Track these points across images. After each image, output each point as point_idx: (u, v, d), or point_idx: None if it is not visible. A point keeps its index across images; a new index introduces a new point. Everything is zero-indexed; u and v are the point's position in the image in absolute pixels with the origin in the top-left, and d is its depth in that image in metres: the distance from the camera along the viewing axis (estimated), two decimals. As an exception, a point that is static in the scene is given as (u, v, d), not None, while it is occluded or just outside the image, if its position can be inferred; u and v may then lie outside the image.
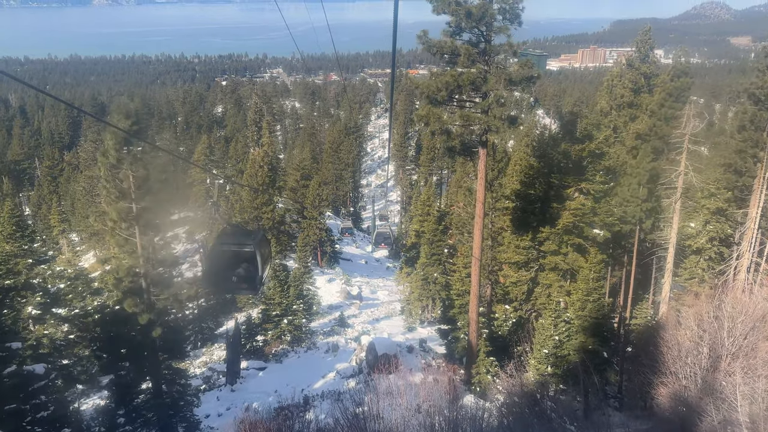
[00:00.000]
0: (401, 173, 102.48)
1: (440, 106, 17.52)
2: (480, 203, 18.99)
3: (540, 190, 24.50)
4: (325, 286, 42.22)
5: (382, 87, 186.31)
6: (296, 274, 29.44)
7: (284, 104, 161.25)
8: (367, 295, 44.37)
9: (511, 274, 25.43)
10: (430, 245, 30.39)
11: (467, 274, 22.53)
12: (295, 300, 28.03)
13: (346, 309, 36.80)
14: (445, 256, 30.86)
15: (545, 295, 24.30)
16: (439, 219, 31.35)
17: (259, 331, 26.16)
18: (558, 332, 21.02)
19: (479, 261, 19.47)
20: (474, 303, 19.67)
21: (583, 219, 22.99)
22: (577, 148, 23.06)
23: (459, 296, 22.60)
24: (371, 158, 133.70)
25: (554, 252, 23.91)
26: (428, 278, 30.69)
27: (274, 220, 45.71)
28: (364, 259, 62.06)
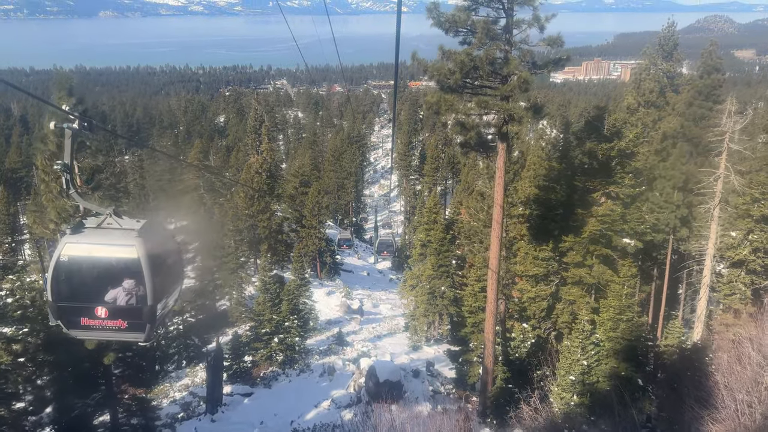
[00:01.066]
0: (405, 183, 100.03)
1: (453, 93, 14.99)
2: (498, 206, 16.38)
3: (562, 195, 21.87)
4: (323, 299, 39.54)
5: (386, 98, 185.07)
6: (290, 287, 26.78)
7: (287, 114, 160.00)
8: (368, 309, 41.64)
9: (529, 288, 22.71)
10: (437, 256, 27.72)
11: (481, 289, 19.85)
12: (288, 316, 25.36)
13: (346, 324, 34.08)
14: (453, 268, 28.17)
15: (568, 313, 21.56)
16: (447, 228, 28.70)
17: (246, 350, 23.45)
18: (586, 356, 18.27)
19: (496, 274, 16.81)
20: (490, 322, 16.99)
21: (612, 227, 20.32)
22: (605, 147, 20.47)
23: (471, 314, 19.89)
24: (374, 168, 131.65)
25: (578, 264, 21.22)
26: (435, 292, 27.98)
27: (271, 228, 43.20)
28: (366, 271, 59.48)
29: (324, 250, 46.38)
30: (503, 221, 16.65)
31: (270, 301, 23.56)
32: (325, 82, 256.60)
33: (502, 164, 15.92)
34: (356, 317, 35.64)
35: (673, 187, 21.68)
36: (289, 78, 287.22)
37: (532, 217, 23.28)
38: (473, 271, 20.06)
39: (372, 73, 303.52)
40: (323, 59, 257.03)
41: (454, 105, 14.66)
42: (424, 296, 28.11)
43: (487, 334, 17.12)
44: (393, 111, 23.25)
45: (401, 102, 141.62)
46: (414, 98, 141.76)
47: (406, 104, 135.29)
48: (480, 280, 19.90)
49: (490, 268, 16.80)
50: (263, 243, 42.89)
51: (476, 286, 19.74)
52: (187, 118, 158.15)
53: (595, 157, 20.95)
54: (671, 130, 23.21)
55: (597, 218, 20.44)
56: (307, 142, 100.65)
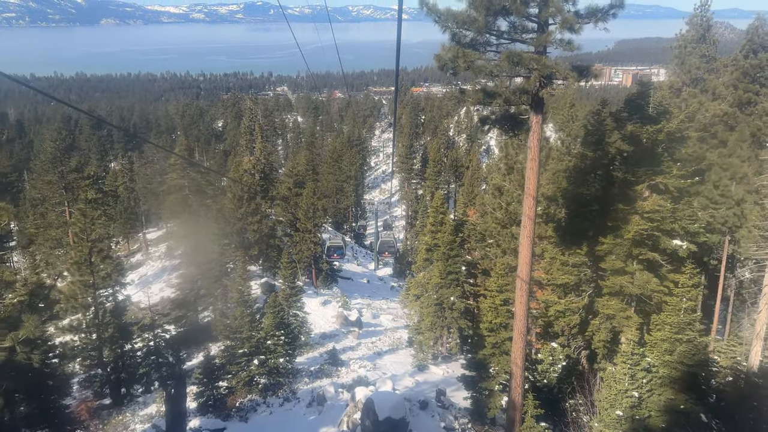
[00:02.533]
0: (406, 187, 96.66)
1: (473, 48, 11.47)
2: (530, 198, 12.80)
3: (597, 188, 18.30)
4: (318, 310, 35.90)
5: (387, 104, 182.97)
6: (277, 297, 23.17)
7: (286, 119, 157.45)
8: (368, 320, 37.97)
9: (555, 299, 19.10)
10: (445, 262, 24.11)
11: (504, 301, 16.22)
12: (273, 332, 21.71)
13: (342, 339, 30.41)
14: (463, 275, 24.54)
15: (606, 330, 17.91)
16: (456, 229, 25.08)
17: (221, 375, 19.77)
18: (636, 386, 14.62)
19: (527, 284, 13.20)
20: (519, 345, 13.36)
21: (660, 226, 16.72)
22: (651, 130, 16.91)
23: (491, 332, 16.25)
24: (375, 172, 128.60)
25: (618, 271, 17.61)
26: (443, 303, 24.35)
27: (262, 232, 39.59)
28: (366, 278, 55.91)
29: (320, 256, 42.75)
30: (535, 218, 13.06)
31: (249, 315, 19.91)
32: (326, 88, 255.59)
33: (536, 142, 12.38)
34: (354, 330, 31.96)
35: (730, 178, 18.11)
36: (290, 84, 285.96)
37: (560, 216, 19.67)
38: (492, 280, 16.49)
39: (372, 79, 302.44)
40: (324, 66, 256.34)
41: (475, 61, 11.16)
42: (430, 307, 24.47)
43: (515, 359, 13.49)
44: (394, 111, 20.86)
45: (402, 106, 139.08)
46: (415, 102, 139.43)
47: (407, 108, 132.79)
48: (502, 291, 16.28)
49: (520, 277, 13.21)
50: (253, 248, 39.34)
51: (497, 298, 16.13)
52: (184, 122, 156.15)
53: (638, 142, 17.39)
54: (722, 111, 19.66)
55: (642, 215, 16.86)
56: (305, 143, 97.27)
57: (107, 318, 21.97)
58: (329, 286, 44.33)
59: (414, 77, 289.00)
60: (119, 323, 22.38)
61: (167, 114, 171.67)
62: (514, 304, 16.98)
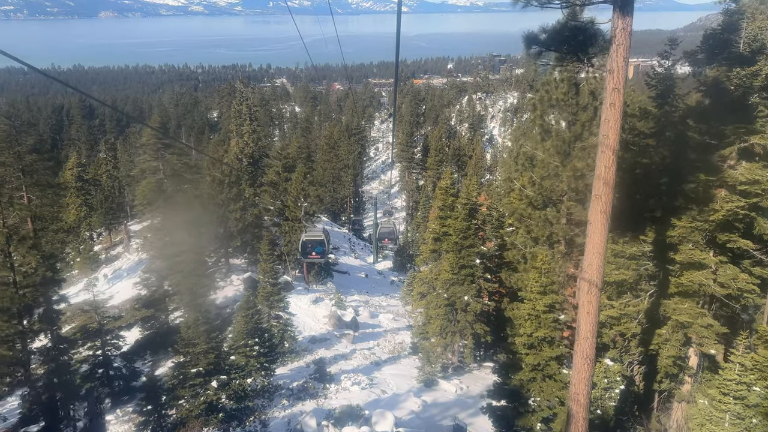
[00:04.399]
0: (407, 177, 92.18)
1: None
2: (609, 152, 8.24)
3: (664, 156, 13.82)
4: (308, 309, 31.51)
5: (386, 96, 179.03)
6: (251, 298, 18.72)
7: (283, 108, 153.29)
8: (365, 319, 33.60)
9: (605, 301, 14.66)
10: (458, 253, 19.70)
11: (548, 307, 11.75)
12: (244, 340, 17.27)
13: (334, 344, 26.02)
14: (479, 270, 20.10)
15: (677, 342, 13.47)
16: (470, 214, 20.60)
17: (169, 401, 15.28)
18: (742, 428, 10.21)
19: (599, 288, 8.67)
20: (583, 376, 8.89)
21: (760, 203, 12.26)
22: (742, 74, 12.43)
23: (531, 348, 11.80)
24: (374, 163, 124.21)
25: (695, 265, 13.16)
26: (455, 303, 19.93)
27: (245, 221, 35.14)
28: (364, 272, 51.68)
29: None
30: (614, 187, 8.53)
31: (205, 323, 15.41)
32: (325, 80, 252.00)
33: (621, 62, 7.85)
34: (348, 333, 27.54)
35: None
36: (289, 76, 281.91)
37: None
38: (533, 277, 12.05)
39: (372, 71, 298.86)
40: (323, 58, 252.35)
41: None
42: (439, 309, 20.05)
43: (575, 394, 9.07)
44: (394, 98, 17.52)
45: (402, 95, 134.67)
46: (416, 91, 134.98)
47: (408, 97, 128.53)
48: (546, 293, 11.80)
49: (584, 278, 8.68)
50: (236, 239, 34.92)
51: (539, 302, 11.68)
52: (178, 111, 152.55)
53: (723, 92, 12.90)
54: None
55: (733, 189, 12.39)
56: (300, 129, 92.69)
57: (36, 325, 17.54)
58: (323, 282, 39.98)
59: (414, 69, 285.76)
60: (53, 330, 18.03)
61: (161, 103, 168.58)
62: (564, 311, 12.53)
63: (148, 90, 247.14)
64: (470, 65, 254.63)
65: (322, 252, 28.18)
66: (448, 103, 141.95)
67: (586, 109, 14.95)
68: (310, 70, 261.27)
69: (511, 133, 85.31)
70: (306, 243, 28.24)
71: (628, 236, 14.46)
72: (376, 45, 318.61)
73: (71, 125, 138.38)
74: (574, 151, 14.84)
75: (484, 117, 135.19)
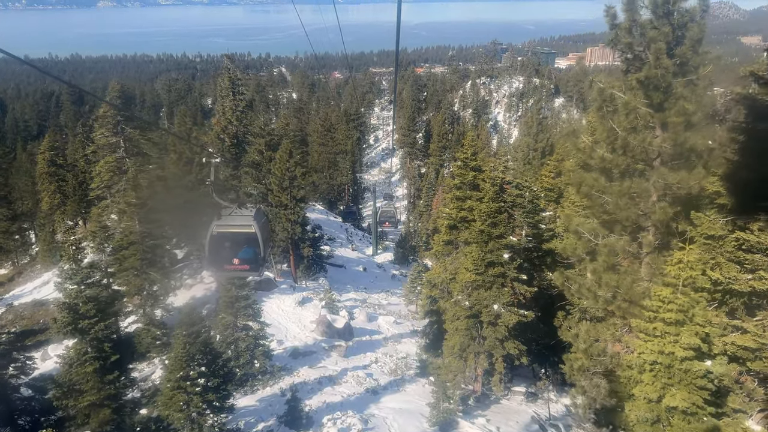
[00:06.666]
0: (408, 163, 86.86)
1: None
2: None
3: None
4: (292, 312, 26.32)
5: (387, 85, 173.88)
6: (194, 312, 13.39)
7: (281, 95, 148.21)
8: (361, 323, 28.45)
9: (723, 320, 9.27)
10: (484, 245, 14.35)
11: (694, 351, 6.29)
12: (183, 370, 11.94)
13: (321, 359, 20.79)
14: (512, 270, 14.73)
15: None
16: (498, 194, 15.27)
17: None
18: None
19: None
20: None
21: None
22: None
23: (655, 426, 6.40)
24: (374, 150, 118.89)
25: None
26: (481, 313, 14.63)
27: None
28: (362, 265, 46.69)
29: (301, 239, 32.98)
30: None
31: (97, 356, 9.92)
32: (324, 69, 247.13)
33: None
34: (339, 344, 22.27)
35: None
36: (288, 65, 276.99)
37: (730, 157, 9.77)
38: (661, 295, 6.71)
39: (372, 60, 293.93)
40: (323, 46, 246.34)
41: None
42: (458, 321, 14.74)
43: None
44: (395, 82, 13.65)
45: (403, 81, 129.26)
46: (417, 77, 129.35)
47: (408, 83, 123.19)
48: (685, 322, 6.43)
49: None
50: (208, 228, 29.45)
51: (674, 344, 6.31)
52: (171, 97, 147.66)
53: None
54: None
55: None
56: (293, 110, 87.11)
57: None
58: (314, 277, 34.85)
59: (414, 58, 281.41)
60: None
61: (153, 90, 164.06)
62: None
63: (145, 78, 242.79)
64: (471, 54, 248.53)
65: (254, 259, 12.27)
66: (451, 89, 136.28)
67: (696, 21, 9.49)
68: (310, 59, 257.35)
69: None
70: (218, 239, 12.30)
71: (743, 218, 9.09)
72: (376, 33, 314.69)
73: (61, 112, 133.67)
74: (676, 87, 9.35)
75: (489, 102, 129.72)
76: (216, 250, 11.37)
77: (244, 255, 11.40)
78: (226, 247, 11.64)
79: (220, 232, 11.48)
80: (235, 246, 11.56)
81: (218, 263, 11.53)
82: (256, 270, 11.51)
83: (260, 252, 11.02)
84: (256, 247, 11.17)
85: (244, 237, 11.60)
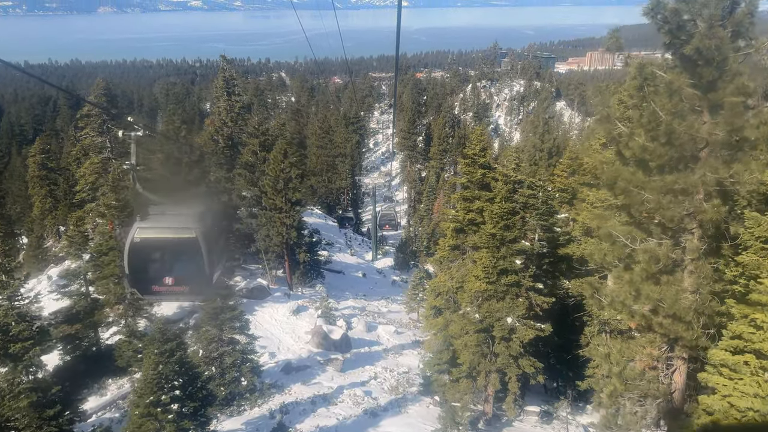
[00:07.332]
0: (408, 166, 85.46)
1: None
2: None
3: None
4: (286, 322, 24.71)
5: (387, 89, 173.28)
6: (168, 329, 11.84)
7: (279, 99, 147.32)
8: (360, 334, 26.84)
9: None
10: (496, 251, 12.77)
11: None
12: (154, 395, 10.35)
13: (316, 374, 19.19)
14: (528, 279, 13.17)
15: None
16: (510, 194, 13.71)
17: None
18: None
19: None
20: None
21: None
22: None
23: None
24: (373, 154, 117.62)
25: None
26: (493, 327, 13.06)
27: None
28: (362, 271, 45.19)
29: (296, 244, 31.43)
30: None
31: (34, 386, 8.30)
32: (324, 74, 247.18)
33: None
34: (336, 358, 20.67)
35: None
36: (288, 70, 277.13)
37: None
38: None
39: (372, 65, 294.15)
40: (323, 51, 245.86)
41: None
42: (468, 336, 13.12)
43: None
44: (395, 80, 12.65)
45: (403, 85, 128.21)
46: (417, 81, 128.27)
47: (408, 86, 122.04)
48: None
49: None
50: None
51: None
52: (169, 101, 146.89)
53: None
54: None
55: None
56: (290, 112, 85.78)
57: None
58: (310, 284, 33.26)
59: (414, 63, 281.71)
60: None
61: (151, 94, 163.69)
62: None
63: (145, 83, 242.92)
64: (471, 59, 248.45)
65: (196, 277, 8.60)
66: (451, 92, 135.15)
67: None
68: (310, 63, 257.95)
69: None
70: (142, 249, 8.63)
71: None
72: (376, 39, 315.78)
73: (57, 116, 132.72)
74: (732, 62, 7.82)
75: (489, 106, 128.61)
76: (139, 265, 8.30)
77: (180, 272, 8.28)
78: (155, 260, 8.44)
79: (146, 239, 8.29)
80: (167, 259, 8.40)
81: (142, 283, 8.38)
82: (200, 293, 8.62)
83: (204, 267, 7.92)
84: (198, 260, 7.99)
85: (180, 246, 8.33)
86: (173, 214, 8.13)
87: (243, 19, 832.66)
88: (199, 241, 7.79)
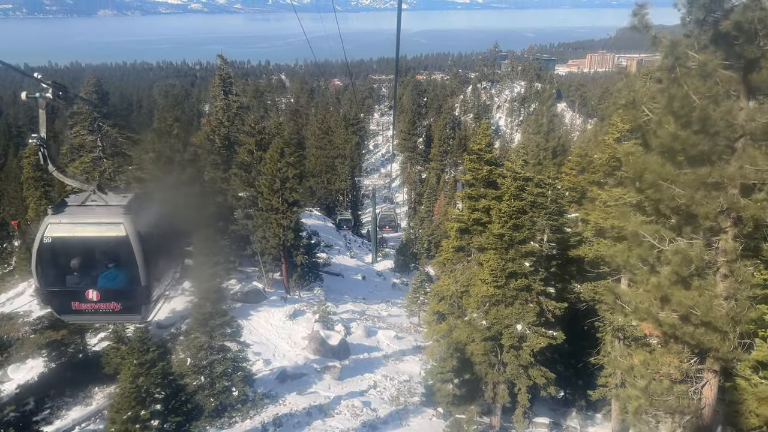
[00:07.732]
0: (409, 168, 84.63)
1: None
2: None
3: None
4: (282, 327, 23.77)
5: (386, 92, 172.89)
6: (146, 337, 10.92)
7: (279, 100, 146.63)
8: (359, 339, 25.89)
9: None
10: (504, 252, 11.77)
11: None
12: (133, 410, 9.41)
13: (312, 382, 18.24)
14: (538, 282, 12.19)
15: None
16: (519, 192, 12.78)
17: None
18: None
19: None
20: None
21: None
22: None
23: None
24: (373, 156, 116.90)
25: None
26: (499, 333, 12.10)
27: (205, 211, 27.26)
28: (361, 274, 44.31)
29: (294, 246, 30.49)
30: None
31: None
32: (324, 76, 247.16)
33: None
34: (334, 365, 19.72)
35: None
36: (288, 72, 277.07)
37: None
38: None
39: (372, 67, 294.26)
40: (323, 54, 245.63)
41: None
42: (475, 344, 12.12)
43: None
44: (395, 81, 12.10)
45: (403, 87, 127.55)
46: (417, 83, 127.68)
47: (408, 88, 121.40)
48: None
49: None
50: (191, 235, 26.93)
51: None
52: (167, 102, 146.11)
53: None
54: None
55: None
56: (289, 112, 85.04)
57: None
58: (308, 287, 32.33)
59: (414, 65, 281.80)
60: None
61: (150, 96, 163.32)
62: None
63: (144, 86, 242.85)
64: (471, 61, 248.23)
65: (128, 290, 6.11)
66: (452, 93, 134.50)
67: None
68: (310, 66, 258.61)
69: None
70: (56, 251, 5.96)
71: None
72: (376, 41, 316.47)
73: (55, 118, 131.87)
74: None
75: (490, 107, 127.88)
76: (52, 275, 5.96)
77: (108, 283, 5.98)
78: (73, 266, 6.00)
79: (59, 239, 5.79)
80: (89, 265, 6.00)
81: (58, 299, 6.05)
82: (135, 311, 6.19)
83: (139, 277, 5.78)
84: (131, 267, 5.80)
85: (106, 248, 5.94)
86: (96, 205, 5.90)
87: (243, 21, 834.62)
88: (131, 241, 5.64)
